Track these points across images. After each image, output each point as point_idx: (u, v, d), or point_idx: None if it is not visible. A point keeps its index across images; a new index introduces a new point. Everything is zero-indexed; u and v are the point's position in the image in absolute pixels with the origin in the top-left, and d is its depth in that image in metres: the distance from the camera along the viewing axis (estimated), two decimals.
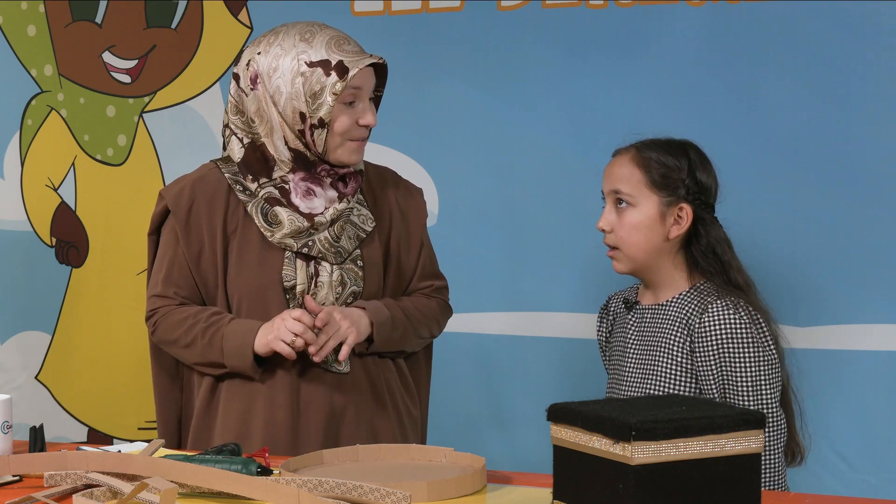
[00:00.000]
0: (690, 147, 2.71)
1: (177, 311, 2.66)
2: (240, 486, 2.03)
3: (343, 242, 2.66)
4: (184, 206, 2.67)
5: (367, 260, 2.70)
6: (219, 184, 2.68)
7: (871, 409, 3.14)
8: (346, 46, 2.61)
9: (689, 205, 2.66)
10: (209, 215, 2.66)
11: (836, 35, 3.14)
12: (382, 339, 2.66)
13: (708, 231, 2.68)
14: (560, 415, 1.90)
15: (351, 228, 2.68)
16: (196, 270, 2.67)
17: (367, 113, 2.64)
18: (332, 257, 2.64)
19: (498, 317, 3.52)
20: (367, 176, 2.77)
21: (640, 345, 2.72)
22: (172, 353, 2.71)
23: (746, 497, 1.83)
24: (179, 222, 2.66)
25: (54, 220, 4.06)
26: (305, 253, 2.63)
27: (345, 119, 2.61)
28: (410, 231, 2.77)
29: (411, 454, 2.33)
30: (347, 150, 2.64)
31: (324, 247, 2.63)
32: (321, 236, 2.63)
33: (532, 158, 3.46)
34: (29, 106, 4.07)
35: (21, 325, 4.11)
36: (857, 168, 3.14)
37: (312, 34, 2.60)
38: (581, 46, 3.39)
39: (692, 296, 2.66)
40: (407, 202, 2.79)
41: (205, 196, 2.67)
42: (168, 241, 2.69)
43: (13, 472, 2.22)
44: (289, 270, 2.63)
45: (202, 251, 2.66)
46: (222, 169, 2.69)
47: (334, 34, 2.62)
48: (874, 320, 3.12)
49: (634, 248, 2.67)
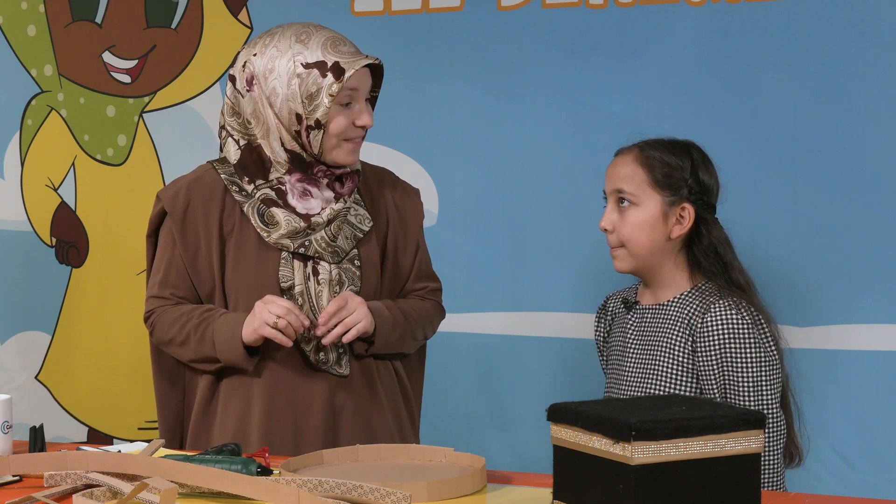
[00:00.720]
0: (693, 147, 2.72)
1: (172, 310, 2.67)
2: (240, 486, 2.03)
3: (340, 242, 2.66)
4: (180, 208, 2.67)
5: (365, 259, 2.70)
6: (215, 185, 2.68)
7: (871, 409, 3.13)
8: (342, 47, 2.61)
9: (691, 205, 2.66)
10: (205, 216, 2.66)
11: (837, 35, 3.14)
12: (382, 340, 2.66)
13: (710, 231, 2.68)
14: (560, 415, 1.90)
15: (348, 228, 2.68)
16: (193, 271, 2.67)
17: (364, 114, 2.64)
18: (330, 256, 2.64)
19: (497, 317, 3.52)
20: (365, 176, 2.77)
21: (641, 345, 2.72)
22: (171, 352, 2.72)
23: (746, 497, 1.83)
24: (176, 223, 2.67)
25: (54, 220, 4.06)
26: (302, 253, 2.63)
27: (341, 120, 2.61)
28: (407, 232, 2.77)
29: (411, 454, 2.34)
30: (344, 151, 2.64)
31: (320, 246, 2.64)
32: (318, 236, 2.64)
33: (532, 158, 3.46)
34: (29, 106, 4.07)
35: (21, 325, 4.11)
36: (857, 168, 3.14)
37: (308, 35, 2.61)
38: (581, 46, 3.39)
39: (694, 296, 2.66)
40: (404, 202, 2.79)
41: (201, 197, 2.67)
42: (165, 242, 2.70)
43: (13, 472, 2.22)
44: (285, 271, 2.63)
45: (199, 252, 2.66)
46: (219, 170, 2.69)
47: (330, 35, 2.62)
48: (874, 320, 3.12)
49: (637, 247, 2.67)
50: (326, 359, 2.64)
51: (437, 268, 2.86)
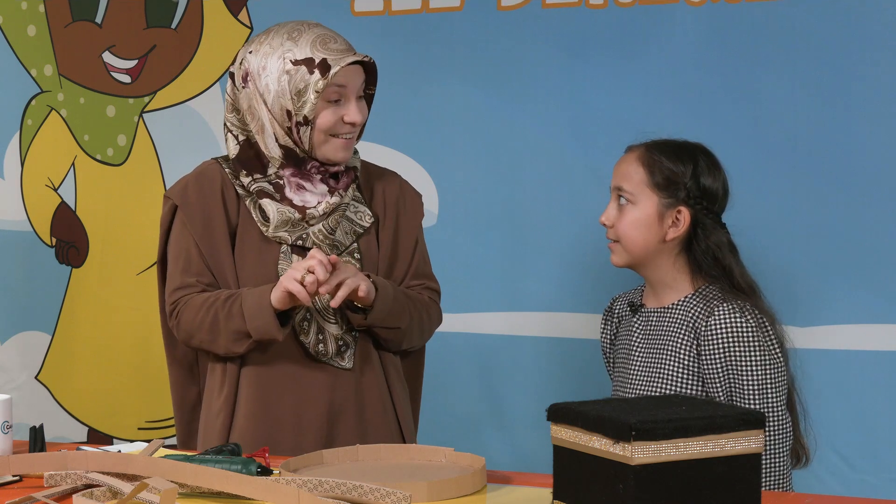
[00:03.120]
0: (701, 151, 2.72)
1: (197, 297, 2.63)
2: (240, 486, 2.03)
3: (339, 236, 2.67)
4: (191, 200, 2.68)
5: (365, 253, 2.70)
6: (221, 178, 2.70)
7: (872, 409, 3.13)
8: (332, 45, 2.61)
9: (687, 208, 2.67)
10: (214, 208, 2.67)
11: (836, 35, 3.14)
12: (382, 308, 2.62)
13: (708, 235, 2.68)
14: (560, 415, 1.90)
15: (347, 224, 2.70)
16: (211, 258, 2.66)
17: (352, 110, 2.63)
18: (328, 249, 2.65)
19: (497, 317, 3.52)
20: (368, 174, 2.78)
21: (646, 347, 2.72)
22: (198, 342, 2.65)
23: (746, 497, 1.83)
24: (188, 214, 2.67)
25: (54, 220, 4.06)
26: (300, 245, 2.64)
27: (328, 116, 2.61)
28: (406, 228, 2.77)
29: (411, 454, 2.34)
30: (333, 148, 2.65)
31: (318, 238, 2.64)
32: (315, 229, 2.64)
33: (532, 158, 3.46)
34: (29, 106, 4.07)
35: (21, 325, 4.11)
36: (857, 168, 3.14)
37: (300, 33, 2.62)
38: (581, 46, 3.39)
39: (697, 299, 2.66)
40: (404, 201, 2.79)
41: (209, 189, 2.68)
42: (180, 235, 2.68)
43: (13, 472, 2.22)
44: (284, 265, 2.64)
45: (214, 241, 2.66)
46: (223, 165, 2.71)
47: (321, 33, 2.63)
48: (874, 320, 3.12)
49: (631, 244, 2.69)
50: (326, 350, 2.64)
51: (437, 268, 2.86)
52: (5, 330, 4.11)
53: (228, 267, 2.67)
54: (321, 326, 2.66)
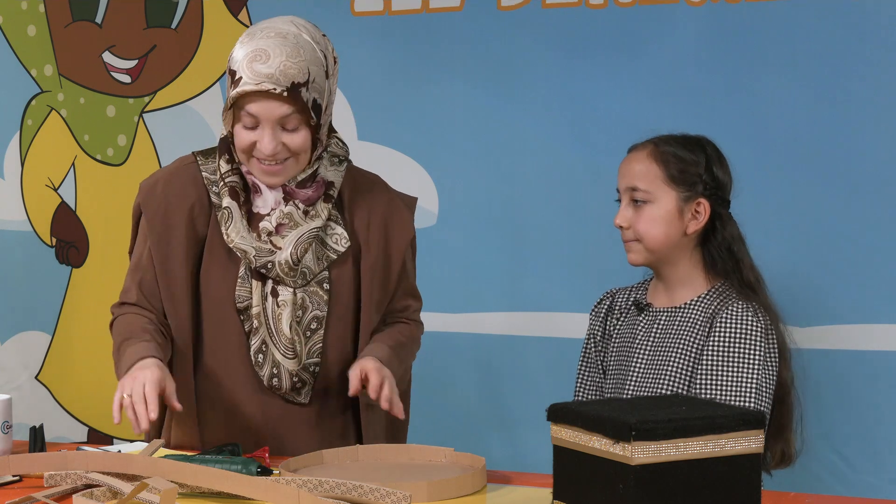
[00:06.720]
0: (706, 143, 2.71)
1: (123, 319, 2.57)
2: (240, 486, 2.04)
3: (308, 261, 2.49)
4: (156, 200, 2.54)
5: (336, 281, 2.53)
6: (193, 182, 2.54)
7: (872, 409, 3.14)
8: (259, 66, 2.36)
9: (706, 200, 2.66)
10: (176, 215, 2.52)
11: (837, 35, 3.14)
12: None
13: (725, 227, 2.67)
14: (560, 415, 1.90)
15: (320, 248, 2.51)
16: (162, 273, 2.52)
17: (264, 140, 2.40)
18: (292, 281, 2.48)
19: (498, 317, 3.52)
20: (354, 185, 2.59)
21: (650, 347, 2.68)
22: None
23: (746, 497, 1.83)
24: (149, 217, 2.53)
25: (54, 220, 4.07)
26: (264, 274, 2.47)
27: (243, 137, 2.43)
28: (393, 247, 2.58)
29: (411, 454, 2.34)
30: (256, 170, 2.46)
31: (283, 271, 2.46)
32: (281, 257, 2.46)
33: (532, 158, 3.46)
34: (29, 106, 4.07)
35: (21, 325, 4.11)
36: (858, 168, 3.14)
37: (252, 37, 2.42)
38: (581, 46, 3.39)
39: (713, 296, 2.64)
40: (391, 217, 2.59)
41: (178, 194, 2.53)
42: (141, 234, 2.57)
43: (13, 472, 2.22)
44: (242, 291, 2.49)
45: (171, 253, 2.51)
46: (200, 165, 2.56)
47: (263, 46, 2.38)
48: (874, 320, 3.12)
49: (654, 242, 2.65)
50: (280, 385, 2.51)
51: (438, 268, 2.86)
52: (5, 330, 4.12)
53: (180, 280, 2.50)
54: (276, 360, 2.50)
